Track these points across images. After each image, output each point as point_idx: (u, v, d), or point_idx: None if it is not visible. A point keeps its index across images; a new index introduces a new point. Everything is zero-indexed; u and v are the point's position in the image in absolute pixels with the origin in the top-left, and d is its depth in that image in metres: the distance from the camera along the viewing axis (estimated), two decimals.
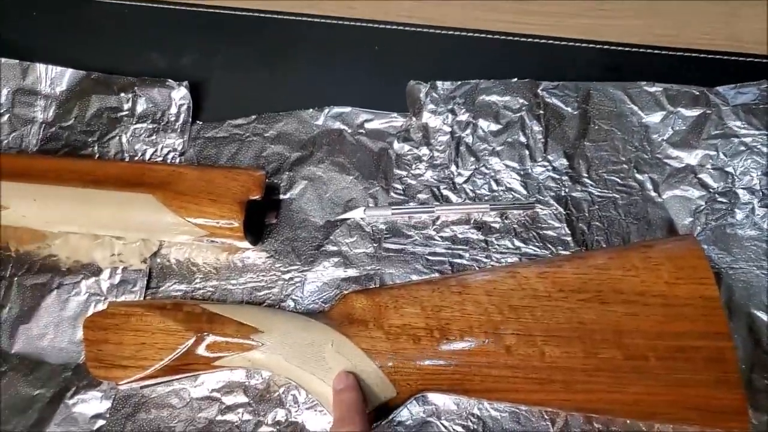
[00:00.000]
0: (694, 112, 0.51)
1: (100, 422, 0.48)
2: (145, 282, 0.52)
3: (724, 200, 0.49)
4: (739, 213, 0.48)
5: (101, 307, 0.50)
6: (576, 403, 0.42)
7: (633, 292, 0.43)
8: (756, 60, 0.53)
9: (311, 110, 0.56)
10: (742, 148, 0.49)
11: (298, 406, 0.47)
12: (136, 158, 0.56)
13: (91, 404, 0.48)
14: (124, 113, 0.57)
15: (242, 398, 0.48)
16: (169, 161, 0.55)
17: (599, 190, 0.50)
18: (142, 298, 0.51)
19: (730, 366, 0.41)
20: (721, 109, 0.50)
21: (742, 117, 0.50)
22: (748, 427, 0.41)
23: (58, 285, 0.52)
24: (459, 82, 0.54)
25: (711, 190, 0.49)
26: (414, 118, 0.54)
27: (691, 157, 0.50)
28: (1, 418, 0.48)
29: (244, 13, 0.60)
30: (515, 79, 0.53)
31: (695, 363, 0.41)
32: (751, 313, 0.46)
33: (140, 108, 0.57)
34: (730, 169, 0.49)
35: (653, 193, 0.50)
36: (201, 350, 0.45)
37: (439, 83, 0.54)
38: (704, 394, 0.41)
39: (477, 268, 0.49)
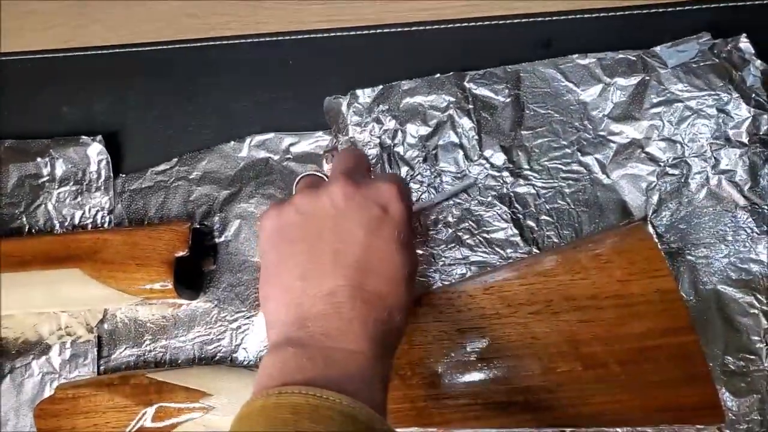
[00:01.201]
0: (633, 81, 0.46)
1: None
2: (95, 352, 0.50)
3: (676, 172, 0.45)
4: (693, 183, 0.44)
5: (56, 384, 0.49)
6: (540, 421, 0.40)
7: (584, 296, 0.40)
8: (693, 8, 0.48)
9: (233, 143, 0.52)
10: (687, 112, 0.45)
11: None
12: (66, 224, 0.53)
13: None
14: (44, 179, 0.54)
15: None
16: (98, 222, 0.53)
17: (543, 181, 0.47)
18: (95, 370, 0.50)
19: (697, 360, 0.38)
20: (660, 73, 0.46)
21: (683, 78, 0.45)
22: (722, 419, 0.38)
23: (11, 369, 0.51)
24: (380, 87, 0.50)
25: (661, 164, 0.45)
26: (340, 135, 0.50)
27: (636, 131, 0.46)
28: None
29: (147, 49, 0.56)
30: (438, 75, 0.49)
31: (659, 363, 0.38)
32: (717, 289, 0.42)
33: (60, 171, 0.54)
34: (678, 138, 0.45)
35: (601, 176, 0.46)
36: (154, 421, 0.44)
37: (359, 92, 0.50)
38: (673, 393, 0.38)
39: (424, 287, 0.46)
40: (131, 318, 0.51)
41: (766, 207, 0.43)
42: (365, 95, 0.50)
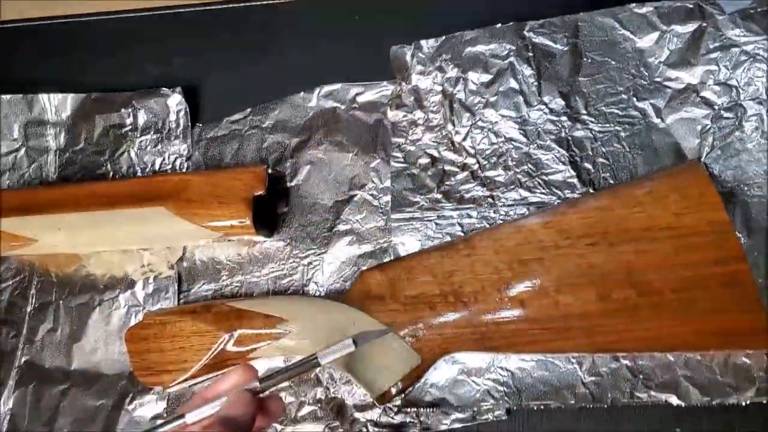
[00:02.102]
0: (689, 28, 0.48)
1: (160, 422, 0.51)
2: (176, 287, 0.54)
3: (731, 115, 0.47)
4: (748, 126, 0.46)
5: (140, 316, 0.53)
6: (596, 345, 0.43)
7: (640, 228, 0.42)
8: None
9: (302, 93, 0.56)
10: (744, 57, 0.47)
11: (335, 383, 0.49)
12: (147, 170, 0.58)
13: (148, 407, 0.52)
14: (127, 128, 0.59)
15: (283, 383, 0.50)
16: (177, 168, 0.57)
17: (600, 125, 0.49)
18: (176, 303, 0.54)
19: (747, 288, 0.40)
20: (717, 20, 0.48)
21: (740, 24, 0.47)
22: None
23: (99, 302, 0.55)
24: (443, 38, 0.53)
25: (716, 107, 0.47)
26: (404, 83, 0.53)
27: (692, 76, 0.48)
28: (73, 429, 0.52)
29: (222, 7, 0.60)
30: (499, 25, 0.52)
31: (711, 290, 0.41)
32: None
33: (142, 120, 0.59)
34: (733, 82, 0.47)
35: (656, 120, 0.48)
36: (234, 346, 0.48)
37: (423, 42, 0.53)
38: (724, 319, 0.41)
39: (487, 226, 0.49)
40: (209, 256, 0.55)
41: None
42: (428, 45, 0.53)
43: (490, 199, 0.50)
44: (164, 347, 0.49)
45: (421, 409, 0.47)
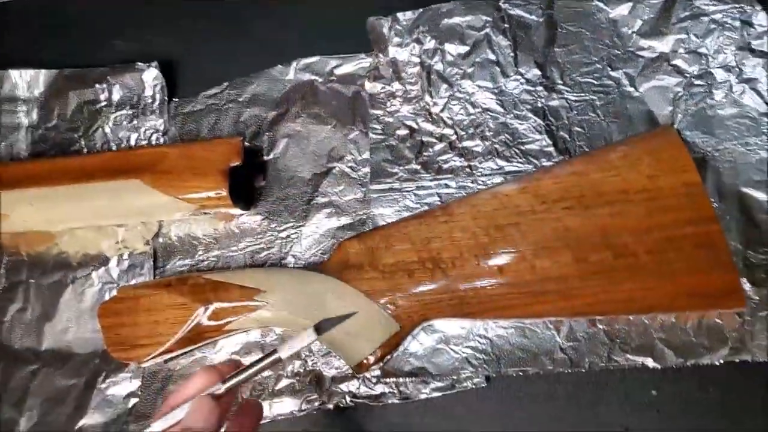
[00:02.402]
0: None
1: (134, 400, 0.50)
2: (152, 263, 0.54)
3: (701, 83, 0.47)
4: (718, 93, 0.47)
5: (114, 293, 0.53)
6: (574, 309, 0.43)
7: (615, 191, 0.43)
8: None
9: (280, 66, 0.56)
10: (713, 26, 0.48)
11: (314, 354, 0.49)
12: (122, 146, 0.57)
13: (122, 385, 0.51)
14: (102, 104, 0.58)
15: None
16: (153, 143, 0.56)
17: (575, 94, 0.50)
18: (152, 279, 0.53)
19: (720, 248, 0.41)
20: None
21: None
22: (744, 303, 0.41)
23: (72, 280, 0.54)
24: (420, 10, 0.53)
25: (687, 75, 0.48)
26: (381, 55, 0.53)
27: (664, 45, 0.49)
28: (42, 411, 0.51)
29: None
30: None
31: (685, 251, 0.41)
32: (740, 191, 0.45)
33: (117, 96, 0.58)
34: (703, 50, 0.48)
35: (630, 88, 0.49)
36: (210, 318, 0.47)
37: (400, 15, 0.53)
38: (698, 279, 0.41)
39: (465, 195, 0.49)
40: (185, 232, 0.54)
41: None
42: (405, 17, 0.53)
43: (467, 169, 0.50)
44: (138, 321, 0.48)
45: (400, 379, 0.47)
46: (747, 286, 0.43)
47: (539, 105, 0.50)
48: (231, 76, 0.56)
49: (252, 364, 0.38)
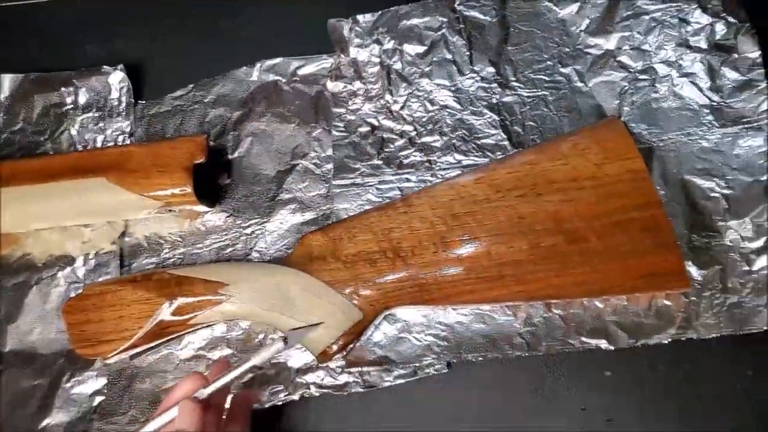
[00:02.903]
0: None
1: (99, 398, 0.50)
2: (118, 262, 0.54)
3: (645, 77, 0.50)
4: (661, 87, 0.50)
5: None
6: (529, 292, 0.45)
7: (565, 179, 0.45)
8: None
9: (244, 68, 0.57)
10: (654, 24, 0.51)
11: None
12: (89, 147, 0.57)
13: (87, 384, 0.51)
14: (68, 107, 0.59)
15: (227, 350, 0.50)
16: (120, 144, 0.57)
17: (528, 90, 0.52)
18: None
19: (665, 231, 0.43)
20: None
21: None
22: (688, 284, 0.43)
23: (37, 281, 0.54)
24: (379, 12, 0.55)
25: (631, 70, 0.51)
26: (342, 56, 0.55)
27: (609, 42, 0.51)
28: (6, 412, 0.50)
29: None
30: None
31: (633, 234, 0.43)
32: (684, 179, 0.48)
33: (83, 99, 0.59)
34: (646, 47, 0.51)
35: (579, 84, 0.51)
36: (175, 312, 0.48)
37: (360, 17, 0.55)
38: (645, 261, 0.43)
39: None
40: (151, 231, 0.55)
41: (723, 103, 0.48)
42: (365, 19, 0.55)
43: (427, 164, 0.52)
44: (104, 317, 0.48)
45: (364, 368, 0.48)
46: (692, 268, 0.45)
47: (494, 101, 0.52)
48: (196, 77, 0.58)
49: (230, 371, 0.41)
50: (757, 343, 0.45)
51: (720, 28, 0.49)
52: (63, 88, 0.59)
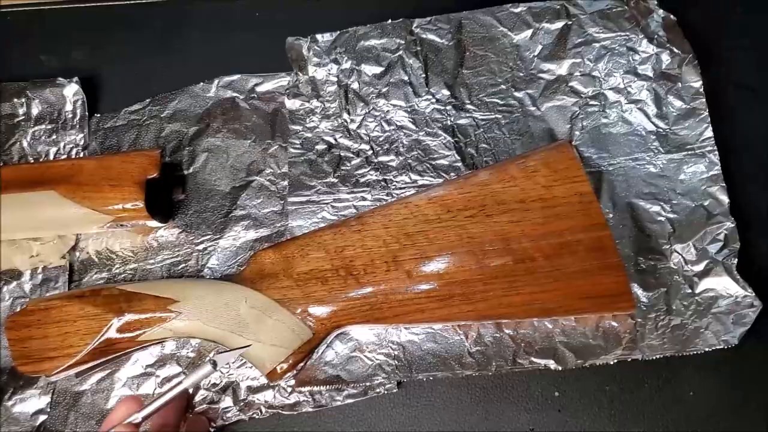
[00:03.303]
0: (558, 25, 0.53)
1: (42, 417, 0.49)
2: (67, 277, 0.53)
3: (596, 103, 0.51)
4: (610, 113, 0.51)
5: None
6: (478, 312, 0.45)
7: (514, 200, 0.45)
8: None
9: (202, 84, 0.57)
10: (603, 51, 0.52)
11: (230, 366, 0.49)
12: (41, 160, 0.57)
13: (30, 402, 0.50)
14: (20, 118, 0.58)
15: (176, 368, 0.49)
16: (73, 157, 0.56)
17: (482, 113, 0.53)
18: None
19: (610, 252, 0.44)
20: (580, 18, 0.53)
21: (599, 22, 0.53)
22: (634, 305, 0.44)
23: None
24: (337, 32, 0.56)
25: (582, 96, 0.52)
26: (300, 74, 0.55)
27: (561, 68, 0.53)
28: None
29: (125, 2, 0.61)
30: (390, 21, 0.55)
31: (579, 255, 0.44)
32: (631, 202, 0.49)
33: (36, 110, 0.58)
34: (596, 74, 0.52)
35: (532, 108, 0.52)
36: (123, 329, 0.47)
37: (318, 36, 0.55)
38: (591, 282, 0.44)
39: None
40: (102, 246, 0.54)
41: (669, 130, 0.50)
42: (323, 39, 0.55)
43: (383, 183, 0.52)
44: (48, 333, 0.47)
45: (315, 388, 0.48)
46: (639, 290, 0.46)
47: (449, 123, 0.53)
48: (153, 92, 0.57)
49: (162, 395, 0.41)
50: (698, 364, 0.46)
51: (665, 58, 0.51)
52: (15, 99, 0.58)
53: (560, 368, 0.46)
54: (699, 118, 0.49)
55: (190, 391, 0.48)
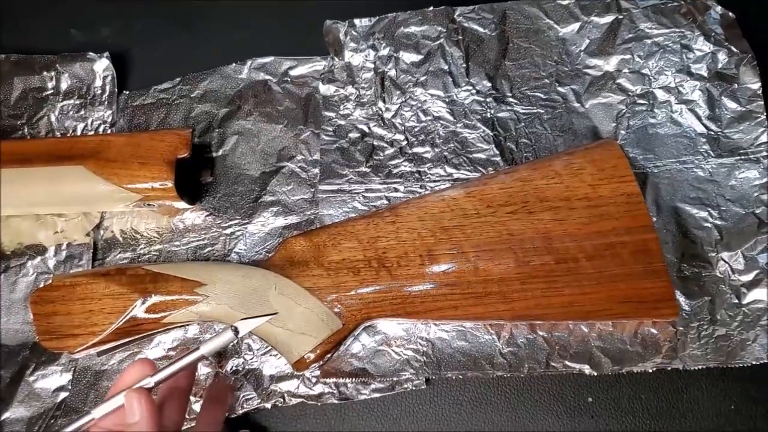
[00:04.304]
0: (607, 19, 0.51)
1: (63, 394, 0.48)
2: (91, 255, 0.52)
3: (644, 102, 0.50)
4: (659, 113, 0.49)
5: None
6: (514, 312, 0.43)
7: (558, 198, 0.44)
8: None
9: (234, 65, 0.55)
10: (655, 48, 0.50)
11: (254, 353, 0.48)
12: (68, 135, 0.55)
13: (51, 378, 0.49)
14: (49, 92, 0.57)
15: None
16: (100, 133, 0.55)
17: (524, 107, 0.51)
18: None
19: (655, 256, 0.42)
20: (632, 13, 0.51)
21: (653, 18, 0.51)
22: (677, 313, 0.42)
23: (5, 269, 0.52)
24: (376, 18, 0.54)
25: (630, 94, 0.50)
26: (336, 59, 0.54)
27: (609, 64, 0.51)
28: None
29: None
30: (431, 8, 0.53)
31: (623, 258, 0.42)
32: (677, 206, 0.47)
33: (65, 85, 0.57)
34: (646, 71, 0.50)
35: (576, 104, 0.50)
36: (148, 310, 0.46)
37: (356, 21, 0.54)
38: (634, 286, 0.42)
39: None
40: (127, 226, 0.53)
41: (721, 133, 0.48)
42: (362, 23, 0.54)
43: (417, 174, 0.50)
44: (73, 310, 0.46)
45: (340, 380, 0.47)
46: (681, 298, 0.45)
47: (488, 115, 0.51)
48: (184, 71, 0.56)
49: (177, 360, 0.39)
50: (742, 377, 0.44)
51: (722, 57, 0.49)
52: (45, 72, 0.57)
53: (595, 374, 0.44)
54: (755, 121, 0.47)
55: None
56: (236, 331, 0.40)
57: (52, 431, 0.48)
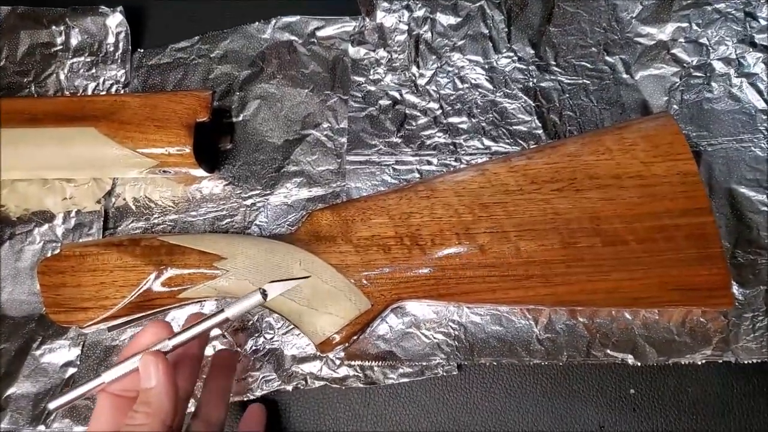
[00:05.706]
0: None
1: (72, 370, 0.46)
2: (102, 223, 0.49)
3: (700, 74, 0.46)
4: (716, 86, 0.46)
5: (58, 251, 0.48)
6: (557, 296, 0.40)
7: (608, 175, 0.40)
8: None
9: (257, 24, 0.52)
10: (716, 15, 0.46)
11: (274, 332, 0.46)
12: (78, 95, 0.52)
13: (59, 353, 0.47)
14: (58, 48, 0.53)
15: (215, 331, 0.46)
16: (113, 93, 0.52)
17: (569, 77, 0.47)
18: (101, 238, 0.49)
19: (712, 241, 0.39)
20: None
21: None
22: (732, 302, 0.39)
23: (10, 236, 0.49)
24: None
25: (685, 65, 0.46)
26: (367, 19, 0.50)
27: (663, 33, 0.47)
28: None
29: None
30: None
31: (676, 242, 0.39)
32: (731, 188, 0.44)
33: (75, 41, 0.53)
34: (704, 41, 0.46)
35: (625, 75, 0.47)
36: (164, 284, 0.43)
37: None
38: (687, 272, 0.39)
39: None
40: (140, 194, 0.50)
41: None
42: None
43: (451, 147, 0.47)
44: (83, 282, 0.43)
45: (366, 363, 0.44)
46: (734, 286, 0.42)
47: (531, 85, 0.48)
48: (204, 29, 0.52)
49: (199, 322, 0.37)
50: None
51: None
52: (53, 27, 0.53)
53: (639, 364, 0.41)
54: None
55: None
56: (264, 294, 0.37)
57: (58, 393, 0.45)
